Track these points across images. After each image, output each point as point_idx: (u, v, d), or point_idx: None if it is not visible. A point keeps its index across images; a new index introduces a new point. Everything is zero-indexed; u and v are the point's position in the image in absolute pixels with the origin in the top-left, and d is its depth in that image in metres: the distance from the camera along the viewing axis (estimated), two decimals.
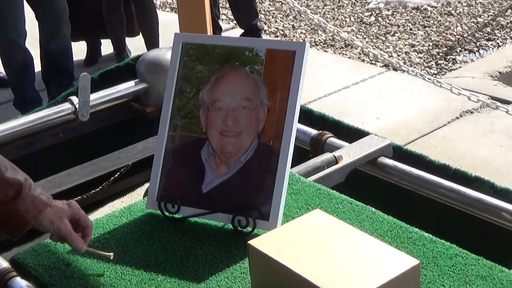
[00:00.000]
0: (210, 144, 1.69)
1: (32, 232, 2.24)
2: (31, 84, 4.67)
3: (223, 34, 5.87)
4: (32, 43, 4.77)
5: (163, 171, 1.73)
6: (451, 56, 5.58)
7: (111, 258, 1.57)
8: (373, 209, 1.72)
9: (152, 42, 5.21)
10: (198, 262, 1.56)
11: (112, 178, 2.47)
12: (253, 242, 1.42)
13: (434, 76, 5.00)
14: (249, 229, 1.62)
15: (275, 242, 1.41)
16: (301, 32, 6.28)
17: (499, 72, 5.06)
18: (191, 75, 1.75)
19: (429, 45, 5.80)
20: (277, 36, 6.25)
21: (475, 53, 5.65)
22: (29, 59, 4.60)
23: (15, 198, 1.40)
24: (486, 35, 5.97)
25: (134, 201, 1.91)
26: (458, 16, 6.36)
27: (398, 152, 2.22)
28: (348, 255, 1.35)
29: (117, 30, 5.23)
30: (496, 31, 6.03)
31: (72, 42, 4.80)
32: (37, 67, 4.82)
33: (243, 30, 5.76)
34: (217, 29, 5.53)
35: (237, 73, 1.70)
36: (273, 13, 6.78)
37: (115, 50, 5.40)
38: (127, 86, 2.74)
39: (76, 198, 2.29)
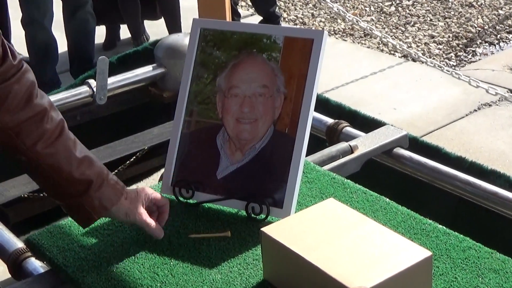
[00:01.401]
0: (226, 130, 1.69)
1: (48, 214, 2.27)
2: (51, 66, 4.66)
3: (242, 20, 5.86)
4: (62, 28, 4.77)
5: (179, 156, 1.73)
6: (471, 48, 5.53)
7: (229, 235, 1.60)
8: (387, 199, 1.72)
9: (174, 27, 5.20)
10: (211, 248, 1.57)
11: (128, 162, 2.48)
12: (266, 229, 1.43)
13: (453, 68, 4.96)
14: (263, 216, 1.62)
15: (288, 230, 1.42)
16: (321, 21, 6.25)
17: None
18: (208, 61, 1.75)
19: (449, 36, 5.75)
20: (296, 24, 6.22)
21: (495, 45, 5.59)
22: (52, 41, 4.58)
23: (82, 195, 1.45)
24: (507, 27, 5.90)
25: (149, 185, 1.92)
26: (480, 8, 6.29)
27: (414, 144, 2.21)
28: (361, 244, 1.35)
29: (132, 15, 5.23)
30: None
31: None
32: (61, 48, 4.82)
33: (261, 17, 5.75)
34: (235, 15, 5.52)
35: (254, 60, 1.70)
36: (293, 1, 6.75)
37: (131, 35, 5.41)
38: (145, 71, 2.75)
39: None
